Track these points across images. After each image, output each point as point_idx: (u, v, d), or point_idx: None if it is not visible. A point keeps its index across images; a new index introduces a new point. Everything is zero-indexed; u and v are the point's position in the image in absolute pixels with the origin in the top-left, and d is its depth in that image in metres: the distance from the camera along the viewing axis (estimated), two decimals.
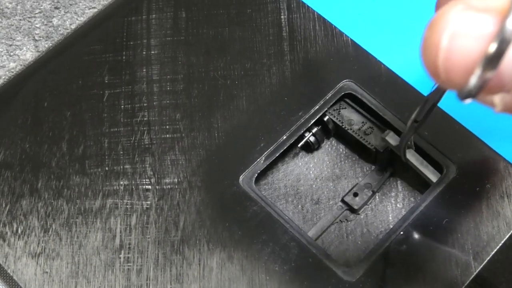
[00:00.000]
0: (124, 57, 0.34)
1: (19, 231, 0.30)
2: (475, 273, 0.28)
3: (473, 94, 0.18)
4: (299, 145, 0.32)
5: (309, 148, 0.33)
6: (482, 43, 0.17)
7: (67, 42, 0.34)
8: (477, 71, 0.17)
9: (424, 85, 0.32)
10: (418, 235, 0.29)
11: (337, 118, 0.32)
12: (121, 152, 0.31)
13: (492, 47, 0.17)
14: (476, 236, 0.29)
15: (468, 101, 0.18)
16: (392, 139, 0.31)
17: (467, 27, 0.17)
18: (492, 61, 0.17)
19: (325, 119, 0.32)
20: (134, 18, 0.34)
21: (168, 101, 0.32)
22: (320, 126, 0.32)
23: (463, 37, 0.17)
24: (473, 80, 0.17)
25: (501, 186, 0.30)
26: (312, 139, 0.32)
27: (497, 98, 0.19)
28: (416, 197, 0.32)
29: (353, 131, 0.32)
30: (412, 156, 0.31)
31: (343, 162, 0.33)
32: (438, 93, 0.25)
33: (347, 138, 0.33)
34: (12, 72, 0.37)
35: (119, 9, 0.35)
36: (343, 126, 0.32)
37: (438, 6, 0.21)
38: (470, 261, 0.28)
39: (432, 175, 0.31)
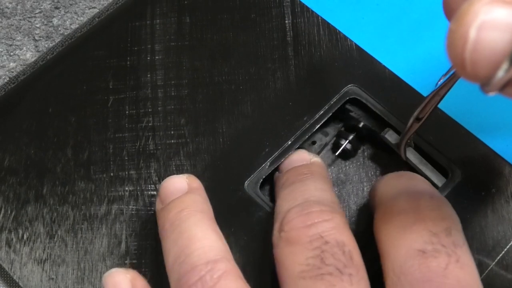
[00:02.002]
0: (128, 63, 0.34)
1: (25, 237, 0.30)
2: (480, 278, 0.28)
3: (499, 87, 0.18)
4: (337, 153, 0.32)
5: (346, 155, 0.33)
6: (508, 34, 0.17)
7: (72, 47, 0.34)
8: (504, 64, 0.17)
9: (429, 89, 0.32)
10: None
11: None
12: (126, 158, 0.31)
13: None
14: (482, 241, 0.29)
15: (492, 94, 0.18)
16: (391, 137, 0.31)
17: (495, 19, 0.17)
18: None
19: (360, 125, 0.32)
20: (138, 23, 0.34)
21: (172, 106, 0.32)
22: (354, 133, 0.32)
23: (491, 29, 0.17)
24: (500, 74, 0.17)
25: (506, 191, 0.30)
26: (349, 146, 0.32)
27: None
28: None
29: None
30: (412, 155, 0.31)
31: (348, 167, 0.33)
32: (442, 90, 0.25)
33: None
34: (12, 72, 0.37)
35: (123, 14, 0.35)
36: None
37: (446, 5, 0.21)
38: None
39: (432, 174, 0.31)
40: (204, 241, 0.25)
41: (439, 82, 0.25)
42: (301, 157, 0.30)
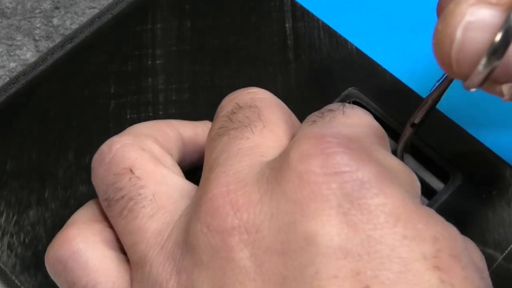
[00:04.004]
0: (129, 67, 0.34)
1: (27, 241, 0.30)
2: None
3: (479, 82, 0.19)
4: None
5: None
6: (491, 34, 0.18)
7: (73, 52, 0.34)
8: (483, 60, 0.18)
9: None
10: None
11: None
12: None
13: (497, 37, 0.17)
14: (483, 243, 0.29)
15: (474, 89, 0.19)
16: (389, 144, 0.31)
17: (480, 20, 0.18)
18: (498, 50, 0.18)
19: None
20: (139, 28, 0.35)
21: (174, 110, 0.33)
22: None
23: (476, 29, 0.18)
24: (479, 68, 0.18)
25: (507, 193, 0.30)
26: None
27: (505, 88, 0.19)
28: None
29: None
30: (410, 161, 0.31)
31: None
32: (436, 93, 0.25)
33: None
34: (13, 72, 0.37)
35: (124, 19, 0.35)
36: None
37: (440, 5, 0.21)
38: None
39: (431, 179, 0.31)
40: None
41: (433, 88, 0.25)
42: None
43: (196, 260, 0.21)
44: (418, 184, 0.24)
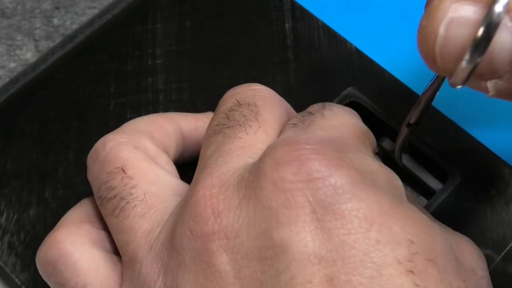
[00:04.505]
0: (129, 67, 0.34)
1: (27, 240, 0.30)
2: None
3: (464, 78, 0.19)
4: None
5: None
6: (473, 30, 0.18)
7: (73, 52, 0.34)
8: (466, 55, 0.18)
9: None
10: None
11: None
12: None
13: (480, 32, 0.18)
14: (481, 243, 0.29)
15: (459, 86, 0.19)
16: (388, 145, 0.31)
17: (463, 17, 0.18)
18: (480, 45, 0.18)
19: None
20: (139, 28, 0.35)
21: (173, 110, 0.33)
22: None
23: (459, 25, 0.18)
24: (462, 65, 0.18)
25: (506, 193, 0.30)
26: None
27: (490, 84, 0.20)
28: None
29: None
30: (408, 161, 0.31)
31: None
32: (430, 93, 0.26)
33: None
34: (13, 72, 0.37)
35: (124, 19, 0.35)
36: None
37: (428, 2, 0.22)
38: None
39: (429, 179, 0.31)
40: None
41: (426, 87, 0.26)
42: None
43: (181, 262, 0.21)
44: (399, 183, 0.24)
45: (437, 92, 0.25)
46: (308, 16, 0.34)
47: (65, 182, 0.31)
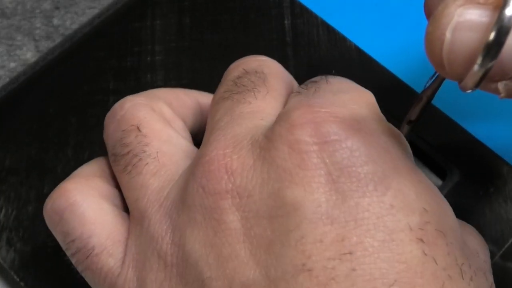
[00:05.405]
0: (128, 63, 0.34)
1: (26, 236, 0.30)
2: None
3: (475, 82, 0.19)
4: None
5: None
6: (482, 34, 0.18)
7: (72, 49, 0.34)
8: (478, 59, 0.18)
9: None
10: None
11: None
12: None
13: (491, 37, 0.17)
14: None
15: (470, 90, 0.19)
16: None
17: (469, 21, 0.18)
18: (492, 50, 0.18)
19: None
20: (138, 24, 0.35)
21: None
22: None
23: (466, 30, 0.18)
24: (474, 69, 0.18)
25: (504, 190, 0.30)
26: None
27: (501, 85, 0.19)
28: None
29: None
30: None
31: None
32: (430, 90, 0.26)
33: None
34: (13, 72, 0.37)
35: (123, 16, 0.35)
36: None
37: (426, 6, 0.22)
38: None
39: (428, 176, 0.31)
40: None
41: (426, 84, 0.26)
42: None
43: (191, 218, 0.22)
44: (407, 143, 0.24)
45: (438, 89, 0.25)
46: (307, 13, 0.34)
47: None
